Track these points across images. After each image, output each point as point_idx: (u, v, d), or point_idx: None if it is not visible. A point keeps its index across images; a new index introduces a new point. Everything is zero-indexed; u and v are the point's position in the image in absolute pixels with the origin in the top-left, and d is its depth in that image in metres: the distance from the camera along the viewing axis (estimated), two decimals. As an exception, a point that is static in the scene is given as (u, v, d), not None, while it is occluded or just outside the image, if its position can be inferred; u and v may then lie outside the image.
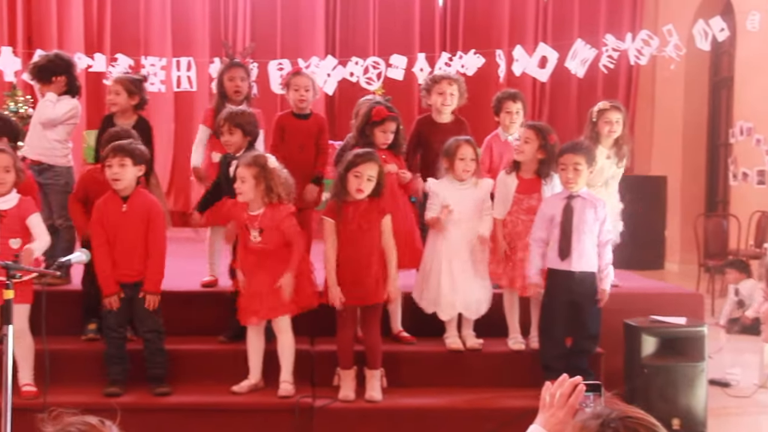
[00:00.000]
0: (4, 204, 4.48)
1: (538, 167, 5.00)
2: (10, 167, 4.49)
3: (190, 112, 9.55)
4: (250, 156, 4.61)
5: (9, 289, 3.08)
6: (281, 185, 4.55)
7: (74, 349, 4.87)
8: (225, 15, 9.50)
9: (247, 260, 4.63)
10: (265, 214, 4.56)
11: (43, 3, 9.61)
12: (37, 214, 4.58)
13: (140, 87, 5.47)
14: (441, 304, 4.94)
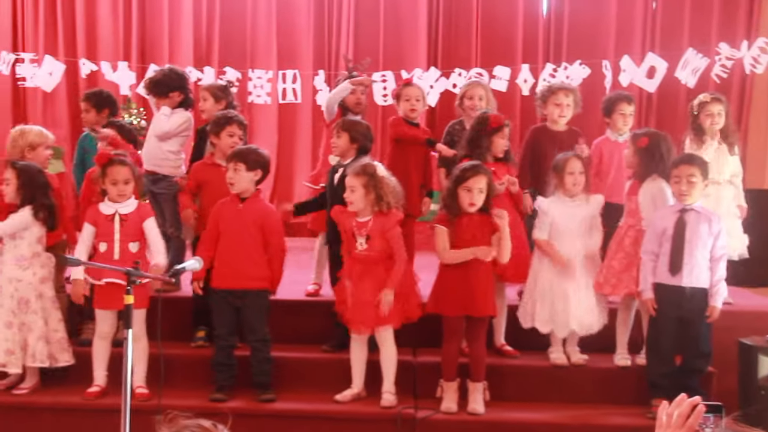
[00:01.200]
0: (125, 209, 4.68)
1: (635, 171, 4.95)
2: (130, 179, 4.68)
3: (293, 123, 9.69)
4: (359, 165, 4.66)
5: (129, 294, 3.19)
6: (391, 193, 4.59)
7: (184, 354, 5.01)
8: (329, 28, 9.61)
9: (353, 268, 4.67)
10: (374, 222, 4.60)
11: (156, 19, 9.94)
12: (153, 219, 4.78)
13: (226, 92, 5.66)
14: (556, 323, 4.88)
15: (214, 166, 5.15)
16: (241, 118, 5.23)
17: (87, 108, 5.74)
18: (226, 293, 4.72)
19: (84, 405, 4.67)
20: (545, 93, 5.55)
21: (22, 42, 9.96)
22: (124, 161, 4.76)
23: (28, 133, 5.12)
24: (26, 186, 4.74)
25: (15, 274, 4.72)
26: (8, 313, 4.69)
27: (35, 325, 4.70)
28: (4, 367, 4.69)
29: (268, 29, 9.71)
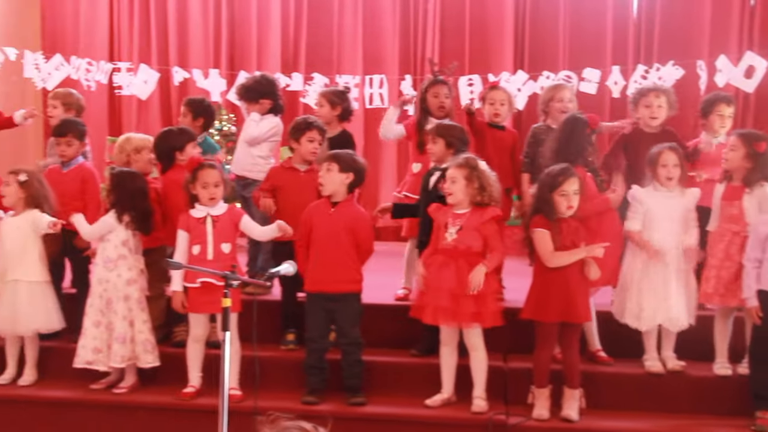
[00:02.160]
0: (216, 211, 4.78)
1: (745, 176, 4.75)
2: (219, 182, 4.78)
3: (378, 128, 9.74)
4: (461, 157, 4.66)
5: (227, 297, 3.25)
6: (493, 185, 4.58)
7: (274, 356, 5.06)
8: (414, 31, 9.62)
9: (435, 259, 4.64)
10: (471, 214, 4.58)
11: (245, 27, 10.13)
12: (246, 216, 4.88)
13: (343, 98, 5.69)
14: (642, 317, 4.76)
15: (292, 170, 5.20)
16: (320, 124, 5.26)
17: (185, 113, 5.85)
18: (320, 297, 4.75)
19: (180, 405, 4.77)
20: (636, 96, 5.45)
21: (118, 52, 10.29)
22: (213, 165, 4.86)
23: (133, 139, 5.32)
24: (115, 190, 4.89)
25: (103, 275, 4.88)
26: (97, 312, 4.85)
27: (117, 325, 4.84)
28: (91, 365, 4.85)
29: (354, 34, 9.78)
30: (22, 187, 4.97)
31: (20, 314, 4.94)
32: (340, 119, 5.63)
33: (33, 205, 4.98)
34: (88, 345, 4.84)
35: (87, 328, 4.87)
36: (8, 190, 4.99)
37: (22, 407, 4.88)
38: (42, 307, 4.99)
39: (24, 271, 4.97)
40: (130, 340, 4.85)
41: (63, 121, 5.45)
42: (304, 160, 5.17)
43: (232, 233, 4.82)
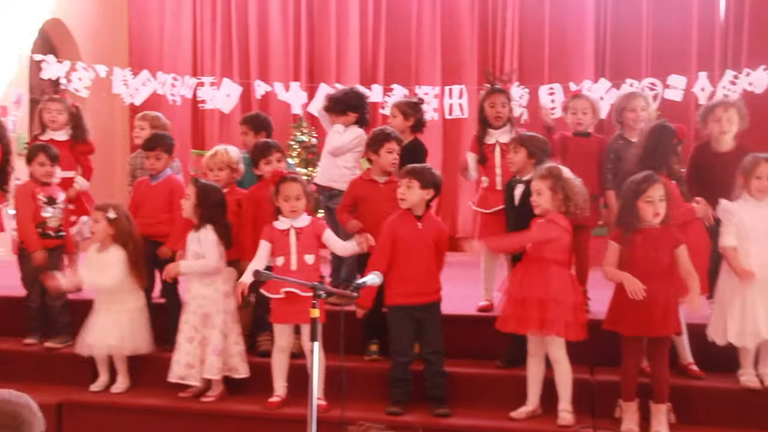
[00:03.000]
0: (299, 223, 4.83)
1: None
2: (301, 195, 4.81)
3: (458, 139, 9.73)
4: (544, 168, 4.61)
5: (315, 308, 3.28)
6: (578, 194, 4.52)
7: (358, 367, 5.05)
8: (493, 41, 9.61)
9: (519, 268, 4.64)
10: None
11: (324, 40, 10.28)
12: (329, 230, 4.91)
13: (416, 109, 5.70)
14: (745, 333, 4.60)
15: (371, 182, 5.21)
16: (398, 135, 5.26)
17: (245, 131, 5.92)
18: (407, 309, 4.75)
19: (266, 414, 4.82)
20: (704, 111, 5.31)
21: (201, 66, 10.54)
22: (295, 178, 4.90)
23: (232, 152, 5.33)
24: (203, 204, 4.94)
25: (200, 291, 4.95)
26: (191, 328, 4.93)
27: (213, 339, 4.91)
28: (183, 379, 4.93)
29: (432, 44, 9.81)
30: (111, 224, 5.09)
31: (114, 338, 5.07)
32: (413, 130, 5.63)
33: (121, 241, 5.11)
34: (181, 360, 4.92)
35: (181, 343, 4.95)
36: (98, 227, 5.10)
37: (115, 413, 4.99)
38: (136, 332, 5.14)
39: (119, 300, 5.11)
40: (225, 352, 4.93)
41: (153, 135, 5.59)
42: (383, 172, 5.18)
43: (315, 245, 4.85)
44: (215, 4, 10.67)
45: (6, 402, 2.10)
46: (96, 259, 5.16)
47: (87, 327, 5.14)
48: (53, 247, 5.51)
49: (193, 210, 4.96)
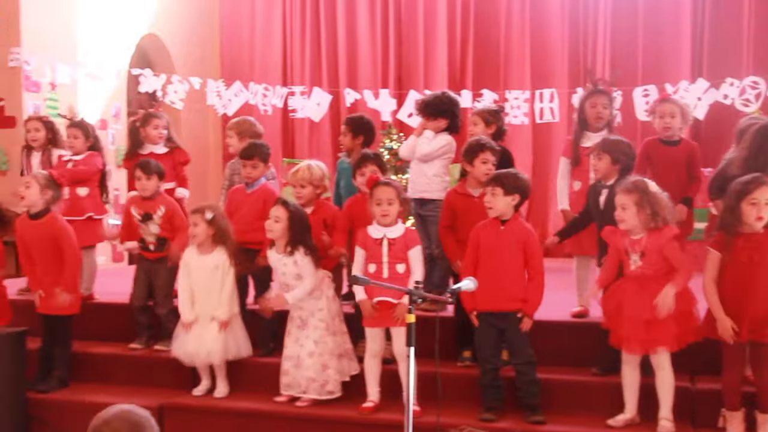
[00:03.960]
0: (392, 233, 4.83)
1: None
2: (394, 199, 4.82)
3: (548, 143, 9.62)
4: (630, 182, 4.51)
5: (411, 313, 3.29)
6: (665, 208, 4.41)
7: (450, 373, 5.04)
8: (584, 44, 9.46)
9: (627, 287, 4.51)
10: (648, 238, 4.43)
11: (412, 46, 10.31)
12: (419, 248, 4.84)
13: (497, 116, 5.66)
14: None
15: (466, 196, 5.16)
16: (493, 145, 5.19)
17: (345, 131, 5.97)
18: (489, 315, 4.72)
19: (360, 419, 4.85)
20: None
21: (291, 76, 10.71)
22: (389, 182, 4.91)
23: (315, 169, 5.32)
24: (295, 227, 4.96)
25: (314, 306, 5.01)
26: (311, 343, 4.99)
27: (334, 344, 4.99)
28: (305, 393, 4.98)
29: (521, 48, 9.72)
30: (210, 225, 5.18)
31: (209, 346, 5.16)
32: (495, 138, 5.58)
33: (220, 241, 5.20)
34: (303, 375, 4.97)
35: (301, 357, 4.99)
36: (197, 230, 5.17)
37: (214, 416, 5.10)
38: (231, 339, 5.23)
39: (215, 307, 5.18)
40: (344, 354, 5.02)
41: (250, 144, 5.70)
42: (478, 183, 5.14)
43: (406, 256, 4.85)
44: (304, 15, 10.83)
45: (129, 412, 2.24)
46: (200, 261, 5.22)
47: (186, 335, 5.23)
48: (155, 259, 5.67)
49: (282, 233, 4.96)
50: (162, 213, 5.62)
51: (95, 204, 6.25)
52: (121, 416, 2.18)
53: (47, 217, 5.36)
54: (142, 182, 5.63)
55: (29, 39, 8.61)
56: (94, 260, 6.33)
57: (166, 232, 5.64)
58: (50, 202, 5.39)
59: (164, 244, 5.62)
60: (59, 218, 5.43)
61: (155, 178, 5.62)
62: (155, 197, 5.66)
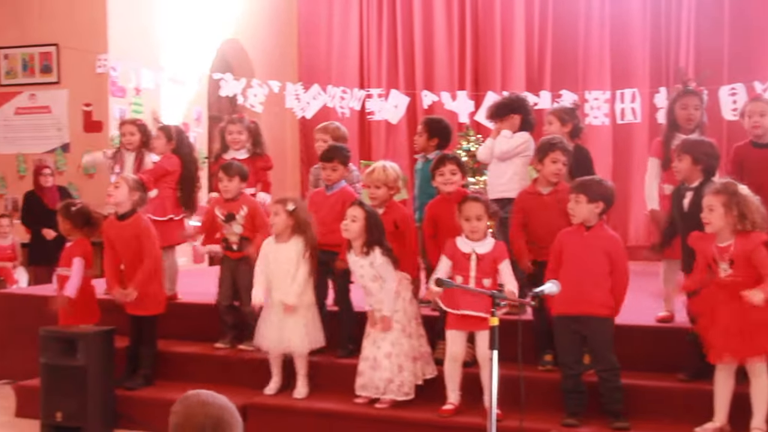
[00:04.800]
0: (481, 248, 4.79)
1: None
2: (482, 215, 4.78)
3: (629, 144, 9.46)
4: (719, 183, 4.38)
5: (494, 316, 3.27)
6: (756, 212, 4.26)
7: (531, 377, 4.94)
8: (666, 41, 9.26)
9: (717, 295, 4.37)
10: (736, 245, 4.29)
11: (489, 48, 10.26)
12: (507, 261, 4.78)
13: (573, 115, 5.59)
14: None
15: (536, 194, 5.10)
16: (564, 144, 5.11)
17: (421, 132, 5.97)
18: (568, 320, 4.65)
19: (439, 422, 4.84)
20: None
21: (368, 79, 10.77)
22: (478, 198, 4.86)
23: (389, 170, 5.33)
24: (371, 229, 4.96)
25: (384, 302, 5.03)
26: (388, 344, 5.01)
27: (409, 346, 4.99)
28: (384, 394, 5.00)
29: (600, 48, 9.58)
30: (291, 216, 5.24)
31: (286, 334, 5.21)
32: (571, 137, 5.50)
33: (300, 231, 5.25)
34: (380, 376, 4.98)
35: (378, 359, 4.99)
36: (277, 219, 5.25)
37: (295, 417, 5.16)
38: (308, 328, 5.26)
39: (291, 294, 5.22)
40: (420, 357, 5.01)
41: (330, 147, 5.75)
42: (549, 182, 5.08)
43: (494, 270, 4.81)
44: (381, 18, 10.88)
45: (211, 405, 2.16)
46: (277, 251, 5.27)
47: (265, 325, 5.29)
48: (237, 259, 5.76)
49: (359, 233, 4.98)
50: (245, 213, 5.71)
51: (176, 205, 6.39)
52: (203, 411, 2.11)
53: (133, 217, 5.50)
54: (224, 183, 5.73)
55: (115, 46, 8.87)
56: (174, 261, 6.46)
57: (248, 232, 5.72)
58: (137, 203, 5.54)
59: (247, 244, 5.70)
60: (143, 218, 5.58)
61: (237, 179, 5.71)
62: (238, 198, 5.75)
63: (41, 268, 8.79)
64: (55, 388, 5.17)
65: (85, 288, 5.63)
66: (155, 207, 6.22)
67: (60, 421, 5.15)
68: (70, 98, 9.17)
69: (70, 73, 9.11)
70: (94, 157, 6.50)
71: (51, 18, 9.14)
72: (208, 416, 2.13)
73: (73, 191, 8.97)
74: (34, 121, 9.45)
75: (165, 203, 6.31)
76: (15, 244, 9.25)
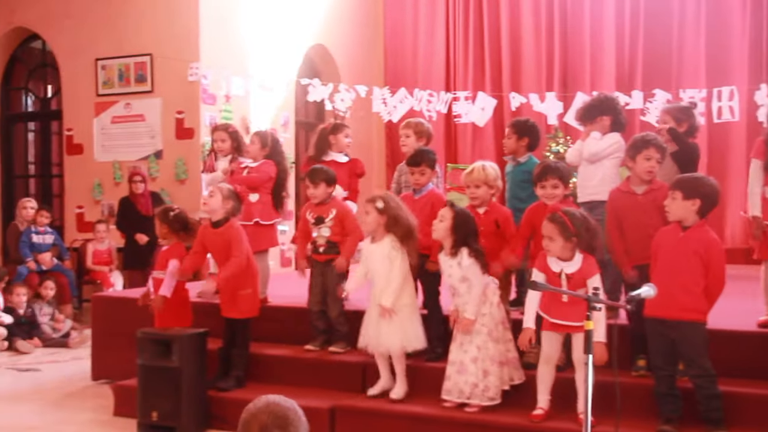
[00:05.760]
0: (570, 268, 4.66)
1: None
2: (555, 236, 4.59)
3: (726, 144, 9.16)
4: None
5: (590, 320, 3.19)
6: None
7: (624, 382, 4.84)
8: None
9: None
10: None
11: (577, 49, 10.09)
12: (597, 277, 4.63)
13: (688, 113, 5.43)
14: None
15: (630, 194, 4.96)
16: (660, 141, 4.96)
17: (509, 134, 5.92)
18: (657, 322, 4.51)
19: (530, 427, 4.75)
20: None
21: (454, 82, 10.73)
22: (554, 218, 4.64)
23: (489, 169, 5.29)
24: (459, 229, 4.92)
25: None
26: (474, 349, 4.96)
27: (495, 350, 4.93)
28: (469, 399, 4.95)
29: (695, 45, 9.31)
30: (381, 213, 5.24)
31: (383, 333, 5.20)
32: (687, 136, 5.33)
33: (392, 228, 5.25)
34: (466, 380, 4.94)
35: (465, 363, 4.95)
36: (369, 218, 5.24)
37: (384, 419, 5.13)
38: (406, 327, 5.23)
39: (387, 296, 5.17)
40: (506, 362, 4.96)
41: (417, 151, 5.73)
42: (642, 180, 4.93)
43: (585, 284, 4.70)
44: (468, 19, 10.83)
45: (276, 404, 2.23)
46: (373, 250, 5.26)
47: (367, 326, 5.27)
48: (324, 262, 5.80)
49: (446, 233, 4.94)
50: (333, 216, 5.75)
51: (264, 210, 6.47)
52: (267, 409, 2.22)
53: (226, 225, 5.60)
54: (310, 190, 5.80)
55: (206, 55, 9.08)
56: (267, 265, 6.55)
57: (338, 236, 5.76)
58: (230, 212, 5.63)
59: (334, 248, 5.73)
60: (236, 225, 5.67)
61: (323, 185, 5.76)
62: (328, 201, 5.80)
63: (135, 272, 9.09)
64: (151, 389, 5.29)
65: (180, 291, 5.76)
66: (260, 211, 6.33)
67: (155, 420, 5.27)
68: (163, 106, 9.43)
69: (163, 82, 9.38)
70: (213, 177, 6.65)
71: (145, 29, 9.42)
72: (273, 414, 2.20)
73: (165, 197, 9.23)
74: (129, 130, 9.76)
75: (253, 208, 6.41)
76: (111, 248, 9.58)
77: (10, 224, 9.86)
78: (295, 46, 10.37)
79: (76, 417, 5.73)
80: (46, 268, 9.24)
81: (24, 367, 7.40)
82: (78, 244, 9.94)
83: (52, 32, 10.26)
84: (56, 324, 8.62)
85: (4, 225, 10.62)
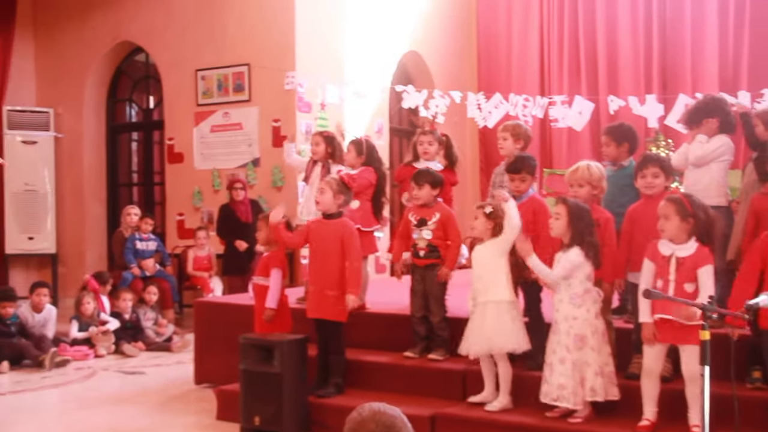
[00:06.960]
0: (682, 252, 4.55)
1: None
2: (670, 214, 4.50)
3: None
4: None
5: (705, 329, 3.08)
6: None
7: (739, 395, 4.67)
8: None
9: None
10: None
11: (678, 49, 9.82)
12: (710, 267, 4.49)
13: None
14: None
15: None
16: None
17: (607, 141, 5.80)
18: (769, 333, 4.34)
19: (637, 439, 4.64)
20: None
21: (548, 86, 10.59)
22: (672, 198, 4.59)
23: (594, 169, 5.22)
24: (575, 223, 4.86)
25: (570, 311, 4.88)
26: (563, 349, 4.87)
27: (592, 360, 4.81)
28: (556, 401, 4.87)
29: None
30: (489, 218, 5.24)
31: (489, 333, 5.14)
32: None
33: (499, 232, 5.22)
34: (554, 381, 4.90)
35: (553, 364, 4.90)
36: (477, 223, 5.26)
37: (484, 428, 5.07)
38: (509, 327, 5.16)
39: (493, 293, 5.18)
40: (601, 373, 4.83)
41: (517, 157, 5.65)
42: None
43: (695, 275, 4.54)
44: (562, 22, 10.68)
45: (382, 413, 2.22)
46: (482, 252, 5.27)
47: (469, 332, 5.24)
48: (425, 266, 5.78)
49: (565, 229, 4.89)
50: (437, 219, 5.74)
51: (365, 217, 6.49)
52: (374, 418, 2.20)
53: (340, 219, 5.66)
54: (414, 192, 5.81)
55: (302, 63, 9.21)
56: (366, 272, 6.57)
57: (438, 240, 5.73)
58: (342, 205, 5.70)
59: (435, 251, 5.71)
60: (350, 223, 5.72)
61: (427, 187, 5.76)
62: (432, 205, 5.80)
63: (234, 278, 9.26)
64: (253, 394, 5.37)
65: (280, 298, 5.83)
66: (361, 217, 6.36)
67: (258, 425, 5.34)
68: (260, 115, 9.61)
69: (260, 91, 9.55)
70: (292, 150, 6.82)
71: (243, 40, 9.62)
72: (380, 423, 2.19)
73: (263, 204, 9.39)
74: (227, 138, 9.98)
75: (353, 214, 6.43)
76: (211, 255, 9.80)
77: (115, 231, 10.19)
78: (389, 54, 10.41)
79: (180, 420, 5.87)
80: (149, 273, 9.52)
81: (130, 370, 7.63)
82: (179, 251, 10.21)
83: (154, 45, 10.59)
84: (159, 328, 8.86)
85: (110, 232, 11.00)
